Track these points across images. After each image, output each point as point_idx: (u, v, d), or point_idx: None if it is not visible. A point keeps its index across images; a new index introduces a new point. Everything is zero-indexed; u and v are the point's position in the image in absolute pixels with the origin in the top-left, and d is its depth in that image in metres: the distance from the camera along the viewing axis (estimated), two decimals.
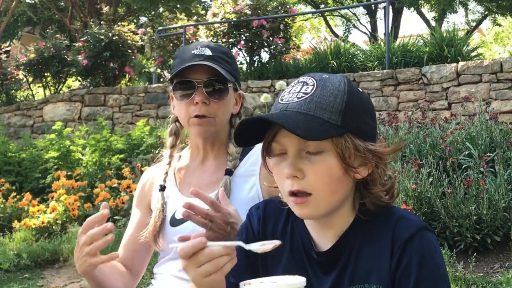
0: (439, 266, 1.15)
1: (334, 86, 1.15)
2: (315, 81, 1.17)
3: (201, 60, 1.69)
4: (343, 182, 1.15)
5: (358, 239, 1.20)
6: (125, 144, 7.44)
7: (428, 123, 5.36)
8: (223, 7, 10.05)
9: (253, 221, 1.33)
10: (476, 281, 3.59)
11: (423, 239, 1.15)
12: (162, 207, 1.77)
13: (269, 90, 8.47)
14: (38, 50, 10.99)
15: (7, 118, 10.44)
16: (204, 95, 1.69)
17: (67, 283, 4.72)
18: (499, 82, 7.12)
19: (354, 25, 21.48)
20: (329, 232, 1.22)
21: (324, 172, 1.13)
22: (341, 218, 1.21)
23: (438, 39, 8.23)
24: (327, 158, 1.13)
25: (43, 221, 5.69)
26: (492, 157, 4.49)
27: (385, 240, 1.17)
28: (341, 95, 1.14)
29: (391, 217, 1.19)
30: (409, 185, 4.11)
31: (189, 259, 1.07)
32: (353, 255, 1.19)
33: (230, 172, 1.74)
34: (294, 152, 1.14)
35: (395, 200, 1.24)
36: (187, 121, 1.74)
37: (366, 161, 1.15)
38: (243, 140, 1.21)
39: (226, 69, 1.72)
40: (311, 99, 1.13)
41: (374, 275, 1.16)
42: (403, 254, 1.14)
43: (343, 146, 1.12)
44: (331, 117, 1.12)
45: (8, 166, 7.66)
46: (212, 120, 1.72)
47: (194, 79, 1.70)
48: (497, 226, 3.98)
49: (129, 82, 11.25)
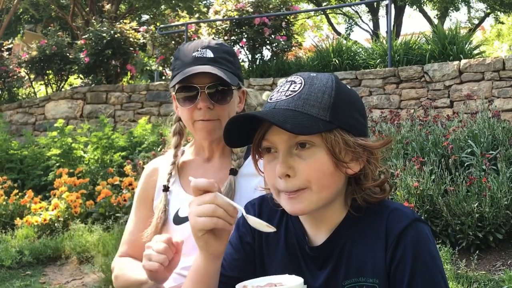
0: (433, 258, 1.14)
1: (321, 83, 1.16)
2: (303, 79, 1.17)
3: (203, 64, 1.66)
4: (335, 177, 1.16)
5: (351, 233, 1.20)
6: (127, 141, 7.45)
7: (430, 121, 5.35)
8: (225, 5, 10.04)
9: (249, 212, 1.33)
10: (478, 278, 3.59)
11: (417, 231, 1.15)
12: (164, 208, 1.76)
13: (270, 88, 8.46)
14: (40, 48, 11.00)
15: (9, 115, 10.45)
16: (208, 100, 1.67)
17: (69, 280, 4.72)
18: (502, 80, 7.11)
19: (356, 23, 21.47)
20: (323, 227, 1.23)
21: (315, 167, 1.13)
22: (334, 213, 1.22)
23: (440, 37, 8.21)
24: (318, 153, 1.13)
25: (45, 219, 5.70)
26: (494, 155, 4.48)
27: (379, 233, 1.17)
28: (329, 91, 1.15)
29: (384, 210, 1.20)
30: (411, 183, 4.11)
31: (197, 196, 1.15)
32: (346, 249, 1.20)
33: (235, 172, 1.73)
34: (284, 149, 1.15)
35: (397, 198, 1.24)
36: (192, 124, 1.72)
37: (357, 156, 1.16)
38: (233, 140, 1.21)
39: (229, 70, 1.70)
40: (299, 96, 1.14)
41: (369, 269, 1.16)
42: (397, 246, 1.14)
43: (332, 141, 1.12)
44: (320, 112, 1.12)
45: (10, 163, 7.67)
46: (218, 123, 1.70)
47: (197, 84, 1.66)
48: (499, 224, 3.98)
49: (131, 80, 11.26)
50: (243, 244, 1.30)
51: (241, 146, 1.30)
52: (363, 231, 1.20)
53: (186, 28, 10.35)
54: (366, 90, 7.91)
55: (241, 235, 1.32)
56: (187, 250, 1.69)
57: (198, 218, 1.13)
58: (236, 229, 1.32)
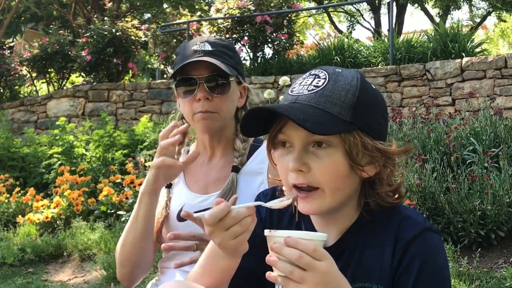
0: (441, 269, 1.12)
1: (346, 81, 1.12)
2: (327, 75, 1.14)
3: (201, 56, 1.68)
4: (349, 180, 1.13)
5: (362, 237, 1.19)
6: (129, 139, 7.45)
7: (432, 119, 5.34)
8: (227, 3, 10.03)
9: (261, 208, 1.32)
10: (480, 276, 3.58)
11: (426, 241, 1.13)
12: (165, 204, 1.76)
13: (272, 86, 8.46)
14: (42, 46, 11.00)
15: (11, 113, 10.45)
16: (206, 91, 1.68)
17: (70, 278, 4.73)
18: (504, 78, 7.10)
19: (358, 21, 21.44)
20: (334, 228, 1.21)
21: (330, 168, 1.11)
22: (346, 215, 1.20)
23: (442, 35, 8.20)
24: (334, 154, 1.11)
25: (47, 216, 5.70)
26: (496, 152, 4.48)
27: (388, 240, 1.15)
28: (353, 90, 1.11)
29: (396, 216, 1.18)
30: (413, 181, 4.10)
31: (216, 225, 1.09)
32: (356, 253, 1.18)
33: (237, 169, 1.73)
34: (301, 145, 1.12)
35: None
36: (192, 117, 1.73)
37: (374, 160, 1.13)
38: (250, 130, 1.19)
39: (228, 63, 1.70)
40: (322, 93, 1.11)
41: (376, 275, 1.15)
42: (404, 254, 1.12)
43: (351, 142, 1.10)
44: (341, 112, 1.09)
45: (12, 161, 7.67)
46: (217, 115, 1.71)
47: (195, 76, 1.68)
48: (501, 222, 3.97)
49: (133, 78, 11.25)
50: (255, 238, 1.30)
51: (256, 136, 1.28)
52: (373, 236, 1.18)
53: (187, 26, 10.35)
54: None
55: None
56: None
57: (235, 241, 1.11)
58: None
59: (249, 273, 1.25)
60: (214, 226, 1.10)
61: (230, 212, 1.09)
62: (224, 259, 1.18)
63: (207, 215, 1.09)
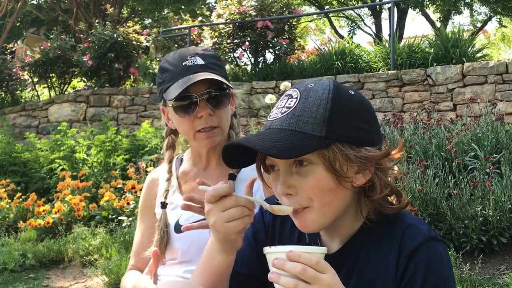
0: (445, 279, 1.11)
1: (317, 95, 1.11)
2: (299, 93, 1.13)
3: (197, 72, 1.65)
4: (337, 193, 1.12)
5: (365, 246, 1.18)
6: (130, 144, 7.46)
7: (433, 124, 5.34)
8: (228, 8, 10.06)
9: (266, 214, 1.33)
10: (482, 282, 3.57)
11: (430, 250, 1.12)
12: (165, 226, 1.75)
13: (273, 91, 8.46)
14: (43, 51, 11.03)
15: (12, 118, 10.47)
16: (207, 107, 1.65)
17: (72, 283, 4.72)
18: (505, 83, 7.10)
19: (359, 26, 21.48)
20: (336, 236, 1.21)
21: (314, 184, 1.10)
22: (346, 224, 1.19)
23: (443, 40, 8.21)
24: (316, 171, 1.10)
25: (48, 221, 5.70)
26: (498, 158, 4.47)
27: (392, 249, 1.14)
28: (324, 104, 1.09)
29: (400, 224, 1.16)
30: (415, 186, 4.10)
31: (215, 203, 1.13)
32: (359, 262, 1.17)
33: (234, 177, 1.72)
34: (284, 168, 1.13)
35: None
36: (193, 135, 1.70)
37: (363, 167, 1.11)
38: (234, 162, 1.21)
39: (221, 75, 1.69)
40: (293, 113, 1.10)
41: (379, 284, 1.14)
42: (408, 264, 1.11)
43: (330, 157, 1.08)
44: (314, 128, 1.08)
45: (13, 166, 7.68)
46: (219, 130, 1.70)
47: (194, 93, 1.65)
48: (503, 228, 3.96)
49: (134, 83, 11.27)
50: (257, 242, 1.30)
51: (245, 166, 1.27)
52: (377, 245, 1.17)
53: (189, 31, 10.37)
54: (369, 93, 7.90)
55: (255, 232, 1.32)
56: (191, 257, 1.69)
57: (228, 224, 1.13)
58: (252, 225, 1.30)
59: (247, 278, 1.27)
60: (213, 204, 1.13)
61: (232, 195, 1.13)
62: (219, 254, 1.19)
63: (211, 190, 1.14)
